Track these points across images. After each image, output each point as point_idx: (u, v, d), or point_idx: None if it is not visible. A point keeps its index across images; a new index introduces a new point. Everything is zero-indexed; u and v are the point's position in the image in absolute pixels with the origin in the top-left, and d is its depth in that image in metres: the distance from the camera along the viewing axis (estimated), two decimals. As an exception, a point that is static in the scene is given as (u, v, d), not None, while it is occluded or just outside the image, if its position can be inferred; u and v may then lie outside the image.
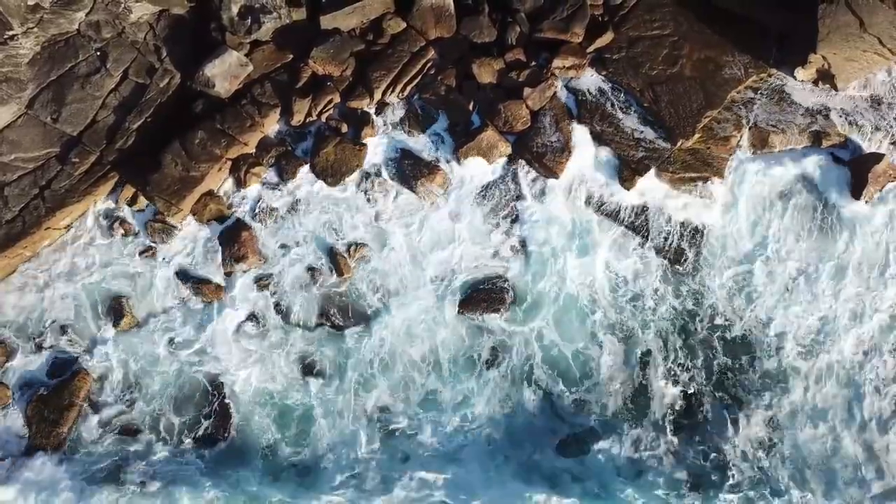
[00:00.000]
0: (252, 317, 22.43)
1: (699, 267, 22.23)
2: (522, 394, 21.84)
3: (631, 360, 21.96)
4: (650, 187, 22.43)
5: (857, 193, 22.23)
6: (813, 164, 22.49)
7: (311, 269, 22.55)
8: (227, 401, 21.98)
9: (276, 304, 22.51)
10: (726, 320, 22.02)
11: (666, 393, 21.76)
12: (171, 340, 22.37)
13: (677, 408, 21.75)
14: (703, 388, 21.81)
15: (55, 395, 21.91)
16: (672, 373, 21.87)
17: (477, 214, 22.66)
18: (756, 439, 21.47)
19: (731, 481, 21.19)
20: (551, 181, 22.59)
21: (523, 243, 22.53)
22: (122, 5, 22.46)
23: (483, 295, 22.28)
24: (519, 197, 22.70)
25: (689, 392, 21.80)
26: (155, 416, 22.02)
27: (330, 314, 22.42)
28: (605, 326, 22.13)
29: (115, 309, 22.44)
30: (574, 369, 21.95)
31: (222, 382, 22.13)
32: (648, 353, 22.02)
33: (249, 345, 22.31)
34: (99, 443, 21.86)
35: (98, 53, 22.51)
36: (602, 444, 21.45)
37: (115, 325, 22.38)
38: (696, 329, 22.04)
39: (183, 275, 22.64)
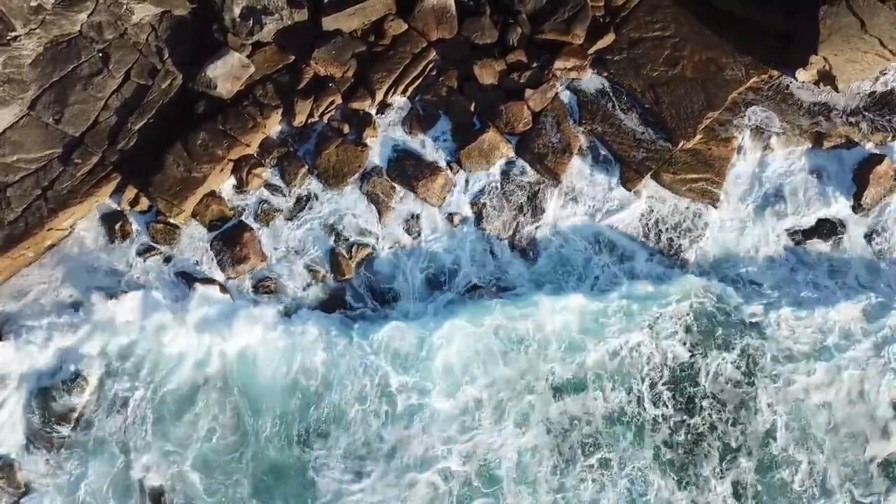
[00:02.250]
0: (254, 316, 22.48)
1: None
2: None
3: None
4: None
5: (858, 195, 22.31)
6: (814, 166, 22.58)
7: (311, 270, 22.58)
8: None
9: (278, 303, 22.46)
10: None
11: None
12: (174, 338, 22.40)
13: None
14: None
15: (57, 394, 21.90)
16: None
17: (476, 215, 22.79)
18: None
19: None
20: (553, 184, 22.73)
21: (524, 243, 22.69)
22: (125, 7, 22.52)
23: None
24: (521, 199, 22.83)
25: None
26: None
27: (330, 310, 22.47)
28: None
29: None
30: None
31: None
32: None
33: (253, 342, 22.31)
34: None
35: (100, 55, 22.56)
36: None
37: (117, 325, 22.42)
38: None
39: (185, 276, 22.64)
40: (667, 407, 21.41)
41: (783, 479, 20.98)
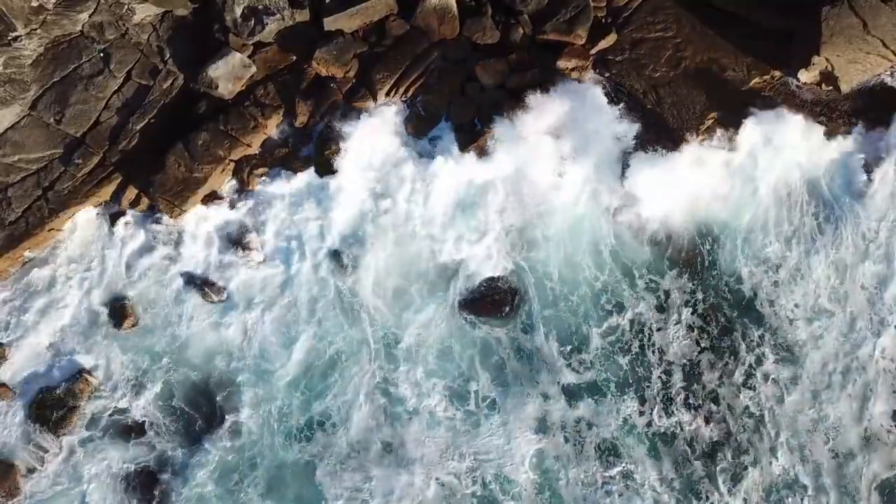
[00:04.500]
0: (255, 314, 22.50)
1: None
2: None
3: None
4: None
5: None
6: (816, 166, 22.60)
7: (314, 269, 22.55)
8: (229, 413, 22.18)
9: (280, 301, 22.49)
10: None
11: None
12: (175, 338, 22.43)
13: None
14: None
15: (59, 395, 21.89)
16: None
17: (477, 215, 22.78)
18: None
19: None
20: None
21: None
22: (126, 7, 22.47)
23: (487, 296, 22.41)
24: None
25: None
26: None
27: (335, 313, 22.50)
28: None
29: (118, 310, 22.37)
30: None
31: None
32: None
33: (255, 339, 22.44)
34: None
35: (101, 55, 22.52)
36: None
37: (118, 326, 22.33)
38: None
39: (186, 276, 22.59)
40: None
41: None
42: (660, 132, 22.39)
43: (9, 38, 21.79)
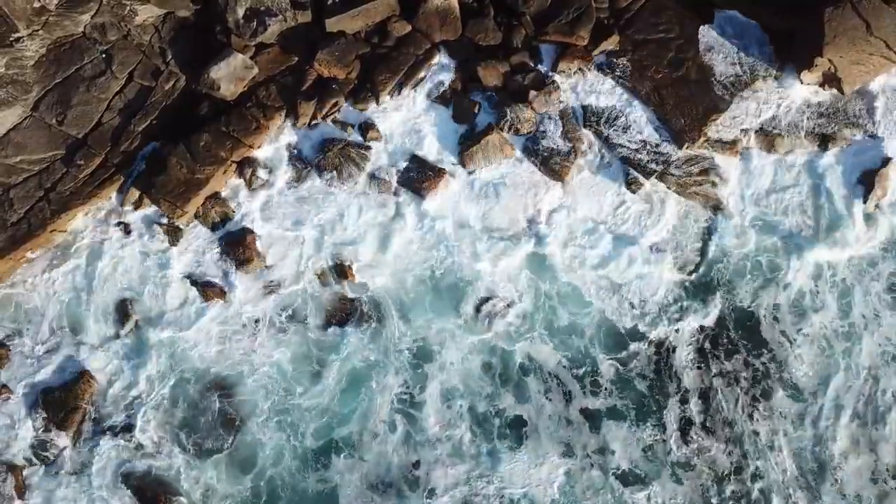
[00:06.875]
0: (257, 320, 22.48)
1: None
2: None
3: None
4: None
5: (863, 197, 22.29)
6: (819, 168, 22.54)
7: (316, 273, 22.55)
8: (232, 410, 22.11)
9: (282, 308, 22.50)
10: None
11: None
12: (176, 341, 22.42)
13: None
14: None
15: (60, 396, 21.93)
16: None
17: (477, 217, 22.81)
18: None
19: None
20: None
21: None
22: (128, 8, 22.47)
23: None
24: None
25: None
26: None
27: (337, 316, 22.48)
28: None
29: (120, 311, 22.39)
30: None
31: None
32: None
33: (258, 347, 22.41)
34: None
35: (103, 56, 22.53)
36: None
37: (120, 328, 22.33)
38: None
39: (187, 277, 22.58)
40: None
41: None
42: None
43: (11, 39, 21.80)
